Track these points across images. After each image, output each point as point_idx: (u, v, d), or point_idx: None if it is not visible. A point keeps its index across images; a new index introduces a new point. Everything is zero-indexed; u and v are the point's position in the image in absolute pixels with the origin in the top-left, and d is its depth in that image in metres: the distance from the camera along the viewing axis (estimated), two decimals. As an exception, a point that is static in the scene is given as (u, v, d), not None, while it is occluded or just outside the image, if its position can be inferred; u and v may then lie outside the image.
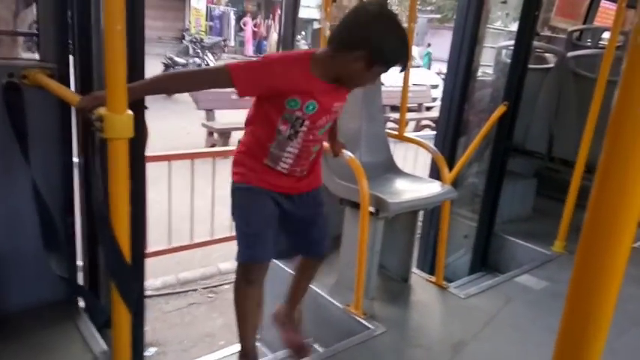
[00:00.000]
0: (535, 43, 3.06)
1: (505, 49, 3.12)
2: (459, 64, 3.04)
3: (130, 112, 1.10)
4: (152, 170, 3.47)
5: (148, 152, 1.57)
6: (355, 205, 2.13)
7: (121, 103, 1.08)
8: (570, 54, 3.33)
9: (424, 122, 10.01)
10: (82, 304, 1.84)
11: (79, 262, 1.90)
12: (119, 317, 1.20)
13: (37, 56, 1.69)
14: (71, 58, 1.71)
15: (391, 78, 2.73)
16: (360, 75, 1.50)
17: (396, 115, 9.13)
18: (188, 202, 3.68)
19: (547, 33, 5.26)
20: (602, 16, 4.85)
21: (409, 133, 8.28)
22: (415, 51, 15.82)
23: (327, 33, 2.15)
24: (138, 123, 1.43)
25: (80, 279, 1.89)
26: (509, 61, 2.87)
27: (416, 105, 10.41)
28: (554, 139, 3.43)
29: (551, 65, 3.40)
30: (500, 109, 2.82)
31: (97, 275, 1.83)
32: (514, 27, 2.89)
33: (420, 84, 11.10)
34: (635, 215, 0.53)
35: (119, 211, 1.14)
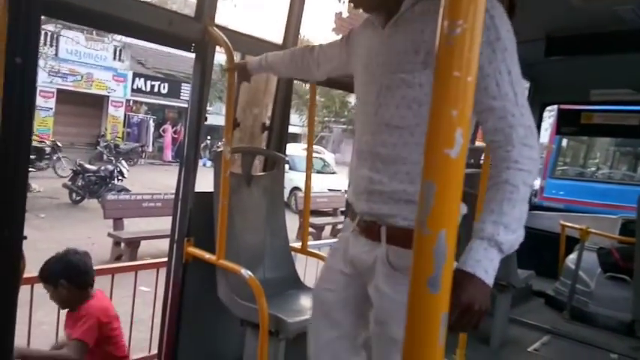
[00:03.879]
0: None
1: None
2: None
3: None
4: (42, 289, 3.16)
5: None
6: (256, 327, 2.07)
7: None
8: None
9: (340, 226, 10.29)
10: None
11: None
12: None
13: None
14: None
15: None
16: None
17: (314, 220, 9.25)
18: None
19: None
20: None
21: (324, 239, 8.41)
22: (330, 158, 16.74)
23: (228, 157, 2.21)
24: (12, 255, 1.36)
25: None
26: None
27: (331, 209, 10.77)
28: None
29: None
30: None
31: None
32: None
33: (334, 189, 11.59)
34: None
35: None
